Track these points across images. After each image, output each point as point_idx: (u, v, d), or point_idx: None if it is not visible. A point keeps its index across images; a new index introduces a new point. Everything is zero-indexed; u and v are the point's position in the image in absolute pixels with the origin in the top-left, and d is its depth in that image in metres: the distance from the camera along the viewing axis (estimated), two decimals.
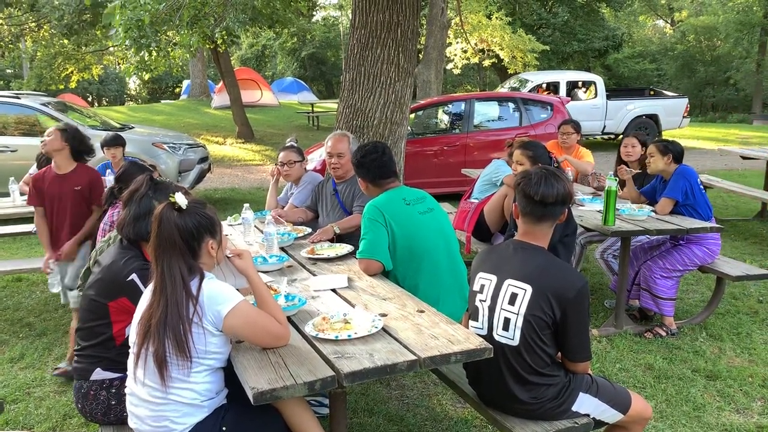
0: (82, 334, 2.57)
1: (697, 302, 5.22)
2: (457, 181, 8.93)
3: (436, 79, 15.84)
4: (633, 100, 15.56)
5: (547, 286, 2.33)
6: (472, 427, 3.39)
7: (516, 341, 2.36)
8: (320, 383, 2.00)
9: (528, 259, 2.42)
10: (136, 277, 2.45)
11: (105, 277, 2.51)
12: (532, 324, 2.33)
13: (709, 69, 35.80)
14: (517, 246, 2.49)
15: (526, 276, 2.37)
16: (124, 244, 2.59)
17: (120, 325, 2.50)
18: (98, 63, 21.29)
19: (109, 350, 2.51)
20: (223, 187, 11.62)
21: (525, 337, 2.35)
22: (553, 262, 2.41)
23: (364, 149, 3.36)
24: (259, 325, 2.18)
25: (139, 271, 2.47)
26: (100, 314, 2.51)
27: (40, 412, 3.67)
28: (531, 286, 2.34)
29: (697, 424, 3.39)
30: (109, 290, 2.49)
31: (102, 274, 2.52)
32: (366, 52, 5.84)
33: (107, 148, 5.84)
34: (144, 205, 2.56)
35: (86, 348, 2.55)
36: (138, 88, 44.60)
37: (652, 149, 4.58)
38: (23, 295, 5.71)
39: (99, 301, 2.50)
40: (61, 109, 9.09)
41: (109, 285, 2.49)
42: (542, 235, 2.48)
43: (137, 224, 2.54)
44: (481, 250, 2.72)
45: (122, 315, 2.49)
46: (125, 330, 2.50)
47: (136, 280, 2.45)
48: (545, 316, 2.32)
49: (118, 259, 2.52)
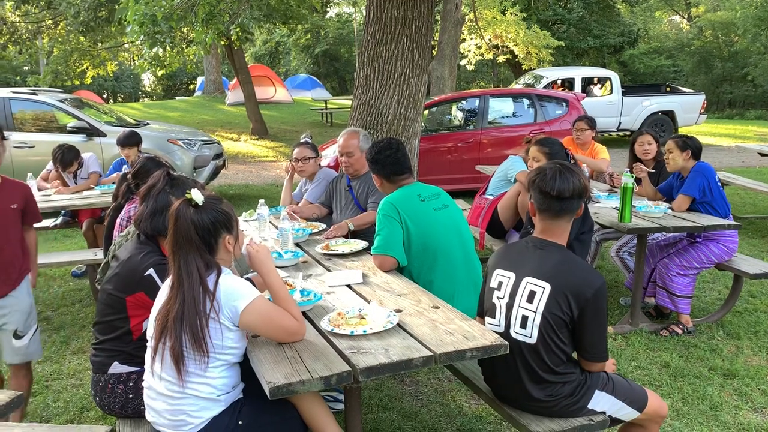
0: (99, 328, 2.59)
1: (714, 300, 5.17)
2: (471, 178, 8.91)
3: (449, 75, 15.79)
4: (649, 96, 15.42)
5: (565, 284, 2.32)
6: (487, 424, 3.39)
7: (533, 339, 2.35)
8: (336, 378, 2.00)
9: (547, 256, 2.41)
10: (153, 272, 2.47)
11: (122, 272, 2.53)
12: (550, 322, 2.32)
13: (726, 65, 35.38)
14: (535, 243, 2.48)
15: (544, 274, 2.36)
16: (142, 239, 2.61)
17: (137, 319, 2.53)
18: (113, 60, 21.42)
19: (127, 344, 2.53)
20: (237, 184, 11.67)
21: (543, 335, 2.34)
22: (572, 260, 2.39)
23: (379, 145, 3.36)
24: (275, 320, 2.19)
25: (157, 266, 2.48)
26: (117, 308, 2.53)
27: (58, 405, 3.71)
28: (549, 284, 2.33)
29: (714, 423, 3.37)
30: (127, 285, 2.51)
31: (119, 269, 2.55)
32: (380, 48, 5.84)
33: (121, 148, 5.87)
34: (161, 200, 2.57)
35: (104, 342, 2.57)
36: (152, 84, 44.89)
37: (670, 145, 4.54)
38: (41, 290, 5.77)
39: (116, 295, 2.52)
40: (77, 106, 9.17)
41: (126, 280, 2.51)
42: (561, 231, 2.47)
43: (154, 219, 2.55)
44: (499, 247, 2.70)
45: (139, 310, 2.51)
46: (142, 324, 2.52)
47: (153, 275, 2.46)
48: (563, 314, 2.31)
49: (135, 254, 2.54)
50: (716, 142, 16.05)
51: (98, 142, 8.61)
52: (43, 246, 7.35)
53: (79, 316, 5.09)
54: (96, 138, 8.64)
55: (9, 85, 25.10)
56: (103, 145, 8.59)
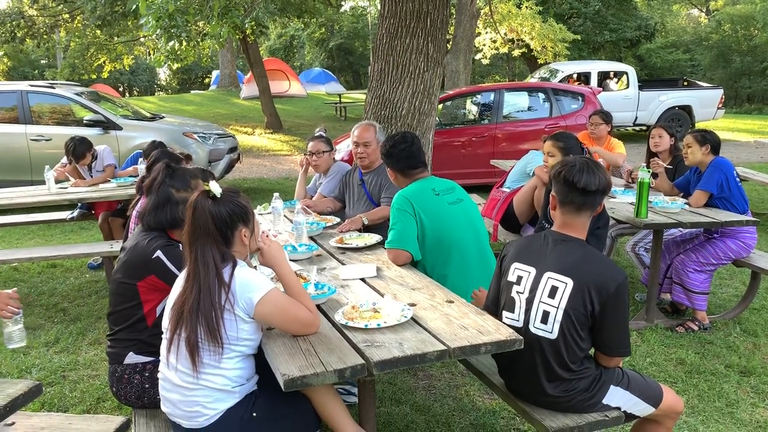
0: (113, 318, 2.62)
1: (731, 297, 5.12)
2: (485, 173, 8.88)
3: (464, 69, 15.73)
4: (666, 90, 15.26)
5: (588, 279, 2.30)
6: (500, 418, 3.38)
7: (554, 335, 2.34)
8: (350, 371, 2.00)
9: (568, 251, 2.39)
10: (161, 254, 2.51)
11: (131, 259, 2.57)
12: (571, 318, 2.31)
13: (745, 59, 34.94)
14: (556, 238, 2.46)
15: (566, 269, 2.34)
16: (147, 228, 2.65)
17: (150, 304, 2.56)
18: (129, 53, 21.56)
19: (141, 332, 2.56)
20: (251, 177, 11.71)
21: (563, 330, 2.32)
22: (593, 255, 2.38)
23: (393, 139, 3.35)
24: (290, 312, 2.19)
25: (164, 248, 2.52)
26: (129, 296, 2.56)
27: (74, 395, 3.75)
28: (572, 279, 2.31)
29: (730, 421, 3.34)
30: (137, 270, 2.54)
31: (128, 256, 2.58)
32: (395, 42, 5.82)
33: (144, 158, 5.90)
34: (162, 193, 2.61)
35: (118, 332, 2.59)
36: (168, 78, 45.13)
37: (689, 139, 4.49)
38: (58, 281, 5.83)
39: (127, 282, 2.56)
40: (94, 99, 9.24)
41: (135, 265, 2.55)
42: (581, 226, 2.45)
43: (157, 213, 2.60)
44: (516, 240, 2.68)
45: (152, 294, 2.55)
46: (156, 309, 2.56)
47: (161, 257, 2.51)
48: (585, 310, 2.30)
49: (141, 240, 2.58)
50: (734, 138, 15.87)
51: (114, 135, 8.67)
52: (59, 238, 7.43)
53: (95, 308, 5.14)
54: (112, 131, 8.69)
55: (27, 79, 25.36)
56: (120, 138, 8.65)
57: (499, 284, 2.61)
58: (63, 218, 6.38)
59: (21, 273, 6.07)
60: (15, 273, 6.09)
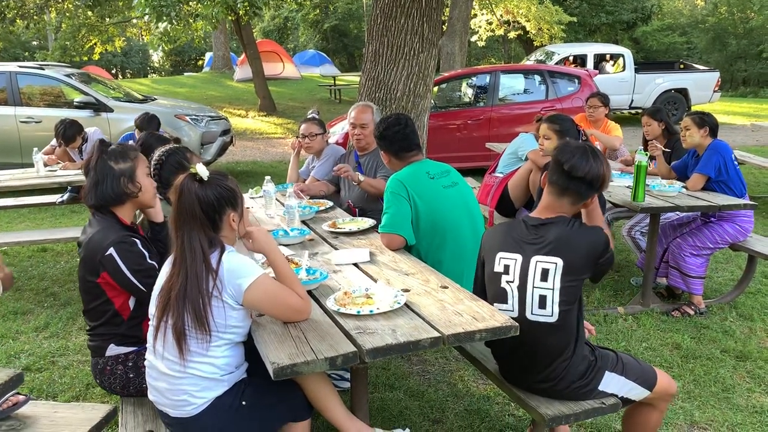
0: (88, 315, 2.54)
1: (726, 281, 5.10)
2: (481, 156, 8.82)
3: (460, 51, 15.58)
4: (662, 73, 15.19)
5: (575, 252, 2.29)
6: (494, 404, 3.35)
7: (555, 317, 2.31)
8: (342, 359, 1.95)
9: (548, 231, 2.36)
10: (114, 252, 2.38)
11: (85, 255, 2.45)
12: (567, 294, 2.29)
13: (741, 42, 34.77)
14: (533, 222, 2.43)
15: (552, 249, 2.31)
16: (97, 216, 2.52)
17: (120, 299, 2.46)
18: (121, 35, 21.29)
19: (119, 326, 2.49)
20: (245, 160, 11.61)
21: (563, 310, 2.30)
22: (572, 228, 2.36)
23: (387, 121, 3.28)
24: (280, 298, 2.14)
25: (118, 245, 2.39)
26: (95, 293, 2.47)
27: (64, 381, 3.70)
28: (561, 258, 2.29)
29: (726, 405, 3.31)
30: (92, 267, 2.43)
31: (84, 251, 2.47)
32: (389, 22, 5.73)
33: (139, 132, 5.82)
34: (99, 168, 2.50)
35: (96, 327, 2.52)
36: (161, 60, 44.70)
37: (687, 122, 4.43)
38: (48, 265, 5.76)
39: (89, 280, 2.46)
40: (84, 81, 9.11)
41: (90, 262, 2.43)
42: (562, 211, 2.42)
43: (98, 189, 2.48)
44: (491, 229, 2.63)
45: (114, 290, 2.44)
46: (128, 303, 2.47)
47: (114, 255, 2.37)
48: (579, 280, 2.31)
49: (94, 233, 2.45)
50: (730, 121, 15.82)
51: (105, 117, 8.56)
52: (50, 221, 7.35)
53: None
54: (103, 113, 8.58)
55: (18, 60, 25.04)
56: (111, 120, 8.54)
57: (483, 275, 2.56)
58: (53, 202, 6.29)
59: (11, 257, 5.99)
60: (4, 257, 6.01)
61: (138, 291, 2.41)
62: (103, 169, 2.49)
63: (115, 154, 2.53)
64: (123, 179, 2.51)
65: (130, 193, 2.53)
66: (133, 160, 2.56)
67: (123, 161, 2.53)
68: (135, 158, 2.57)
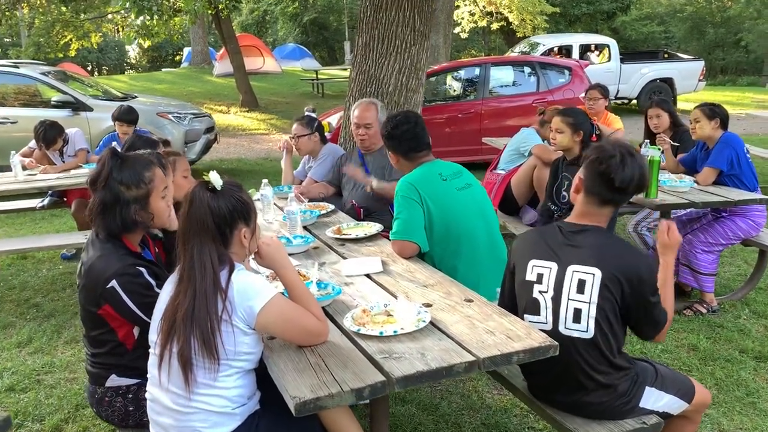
0: (89, 341, 2.30)
1: (734, 276, 4.97)
2: (472, 150, 8.66)
3: (444, 43, 15.39)
4: (647, 63, 15.11)
5: (616, 267, 2.10)
6: (513, 416, 3.18)
7: (590, 333, 2.12)
8: (369, 390, 1.75)
9: (587, 240, 2.18)
10: (116, 285, 2.10)
11: (87, 284, 2.17)
12: (605, 311, 2.10)
13: (719, 31, 35.01)
14: (571, 228, 2.24)
15: (591, 259, 2.13)
16: (101, 237, 2.22)
17: (124, 329, 2.22)
18: (97, 31, 20.76)
19: (122, 356, 2.24)
20: (229, 158, 11.34)
21: (600, 326, 2.12)
22: (615, 240, 2.19)
23: (395, 119, 3.07)
24: (296, 321, 1.93)
25: (120, 277, 2.10)
26: (97, 323, 2.21)
27: (51, 402, 3.46)
28: (599, 269, 2.10)
29: (753, 412, 3.17)
30: (93, 298, 2.16)
31: (84, 280, 2.19)
32: (380, 14, 5.55)
33: (119, 123, 5.57)
34: (109, 191, 2.15)
35: (97, 355, 2.28)
36: (138, 56, 43.95)
37: (697, 114, 4.28)
38: (29, 274, 5.49)
39: (90, 309, 2.20)
40: (61, 79, 8.77)
41: (91, 293, 2.16)
42: (602, 218, 2.24)
43: (105, 217, 2.15)
44: (523, 234, 2.45)
45: (117, 320, 2.19)
46: (133, 332, 2.23)
47: (116, 289, 2.10)
48: (616, 299, 2.11)
49: (96, 259, 2.16)
50: None
51: (85, 116, 8.24)
52: (29, 227, 7.04)
53: (70, 302, 4.81)
54: (82, 112, 8.26)
55: None
56: (90, 120, 8.22)
57: (513, 284, 2.38)
58: (33, 207, 6.01)
59: None
60: None
61: (143, 323, 2.14)
62: (112, 194, 2.16)
63: (128, 177, 2.18)
64: (134, 207, 2.19)
65: (141, 222, 2.22)
66: (148, 185, 2.22)
67: (136, 187, 2.19)
68: (151, 181, 2.23)
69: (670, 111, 4.85)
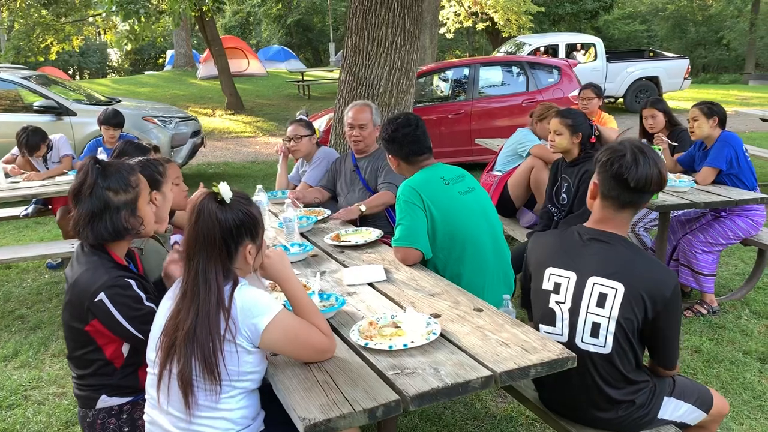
0: (74, 362, 2.17)
1: (732, 276, 4.93)
2: (463, 151, 8.59)
3: (431, 44, 15.35)
4: (633, 62, 15.17)
5: (640, 283, 1.98)
6: (519, 425, 3.10)
7: (608, 348, 2.02)
8: (383, 410, 1.66)
9: (611, 251, 2.06)
10: (104, 297, 2.00)
11: (73, 299, 2.06)
12: (624, 328, 2.00)
13: (700, 29, 35.36)
14: (593, 235, 2.12)
15: (615, 273, 2.01)
16: (86, 250, 2.12)
17: (112, 347, 2.10)
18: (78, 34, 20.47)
19: (111, 375, 2.12)
20: (216, 162, 11.18)
21: (618, 342, 2.01)
22: (642, 255, 2.05)
23: (396, 122, 2.97)
24: (302, 338, 1.83)
25: (109, 289, 2.00)
26: (83, 341, 2.09)
27: (39, 419, 3.33)
28: (623, 284, 1.99)
29: (762, 415, 3.12)
30: (80, 312, 2.05)
31: (70, 295, 2.08)
32: (369, 15, 5.47)
33: (105, 127, 5.43)
34: (96, 198, 2.06)
35: (84, 377, 2.15)
36: (120, 59, 43.52)
37: (695, 113, 4.23)
38: (14, 284, 5.34)
39: (75, 326, 2.08)
40: (43, 83, 8.59)
41: (77, 307, 2.05)
42: (622, 223, 2.12)
43: (95, 224, 2.06)
44: (539, 237, 2.34)
45: (105, 338, 2.08)
46: (122, 350, 2.11)
47: (105, 302, 2.00)
48: (637, 318, 1.99)
49: (83, 273, 2.06)
50: None
51: (68, 121, 8.07)
52: (12, 235, 6.87)
53: (57, 313, 4.67)
54: (65, 117, 8.09)
55: None
56: (74, 125, 8.06)
57: (529, 289, 2.29)
58: (17, 215, 5.85)
59: None
60: None
61: (134, 339, 2.05)
62: (100, 201, 2.07)
63: (115, 182, 2.10)
64: (124, 213, 2.10)
65: (131, 229, 2.13)
66: (135, 188, 2.15)
67: (124, 192, 2.11)
68: (137, 185, 2.16)
69: (665, 110, 4.80)
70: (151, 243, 2.44)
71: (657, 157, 2.06)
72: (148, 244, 2.42)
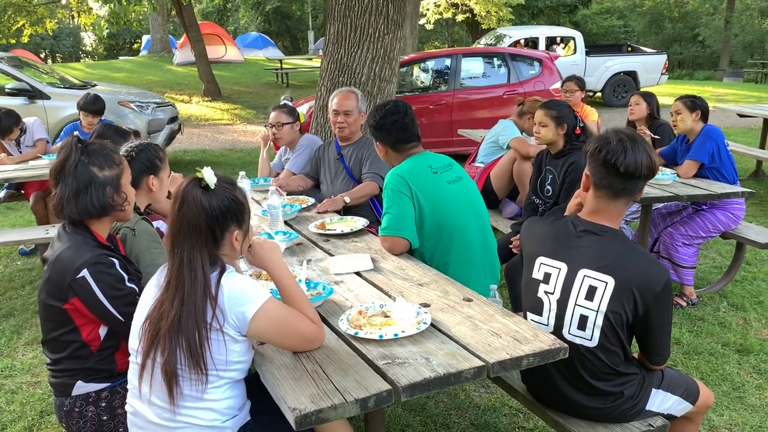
0: (49, 346, 2.12)
1: (710, 268, 4.99)
2: (444, 142, 8.57)
3: (411, 34, 15.30)
4: (612, 56, 15.28)
5: (631, 278, 1.96)
6: (502, 416, 3.09)
7: (594, 342, 2.01)
8: (374, 400, 1.62)
9: (603, 244, 2.04)
10: (87, 274, 1.97)
11: (52, 276, 2.02)
12: (611, 322, 1.98)
13: (676, 25, 35.67)
14: (586, 227, 2.10)
15: (606, 266, 2.00)
16: (68, 229, 2.08)
17: (89, 328, 2.05)
18: (51, 17, 20.06)
19: (86, 359, 2.07)
20: (193, 149, 11.03)
21: (605, 336, 2.00)
22: (633, 249, 2.04)
23: (384, 109, 2.93)
24: (290, 326, 1.79)
25: (92, 266, 1.98)
26: (60, 321, 2.04)
27: (12, 409, 3.24)
28: (613, 278, 1.98)
29: (741, 406, 3.15)
30: (59, 290, 2.00)
31: (50, 272, 2.03)
32: (352, 2, 5.42)
33: (84, 114, 5.30)
34: (81, 174, 2.04)
35: (59, 361, 2.10)
36: (94, 44, 42.73)
37: (678, 106, 4.25)
38: None
39: (53, 305, 2.03)
40: (16, 65, 8.37)
41: (58, 284, 2.00)
42: (616, 214, 2.10)
43: (80, 199, 2.04)
44: (530, 225, 2.31)
45: (83, 318, 2.03)
46: (99, 332, 2.06)
47: (87, 279, 1.97)
48: (626, 312, 1.98)
49: (64, 250, 2.02)
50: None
51: (42, 105, 7.88)
52: None
53: (30, 300, 4.56)
54: (39, 101, 7.90)
55: None
56: (47, 108, 7.87)
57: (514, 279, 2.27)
58: None
59: None
60: None
61: (114, 320, 2.00)
62: (85, 177, 2.04)
63: (99, 158, 2.08)
64: (109, 189, 2.07)
65: (116, 205, 2.09)
66: (119, 165, 2.13)
67: (108, 168, 2.09)
68: (120, 163, 2.15)
69: (650, 103, 4.83)
70: (144, 225, 2.39)
71: (646, 143, 2.05)
72: (141, 226, 2.37)
